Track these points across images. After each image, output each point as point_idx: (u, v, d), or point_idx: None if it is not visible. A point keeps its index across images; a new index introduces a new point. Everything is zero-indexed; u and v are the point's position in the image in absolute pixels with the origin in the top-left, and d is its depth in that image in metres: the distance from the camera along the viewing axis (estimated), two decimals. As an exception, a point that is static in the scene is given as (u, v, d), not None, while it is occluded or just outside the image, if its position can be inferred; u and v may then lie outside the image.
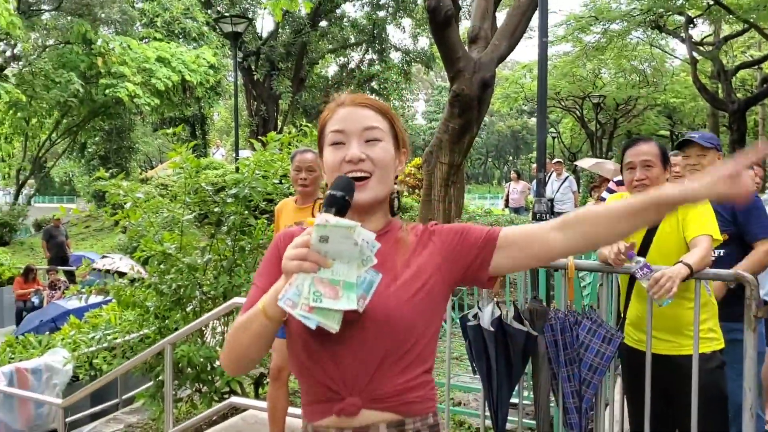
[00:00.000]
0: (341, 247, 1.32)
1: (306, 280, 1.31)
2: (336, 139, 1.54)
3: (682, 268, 2.69)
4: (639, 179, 2.99)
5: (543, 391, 3.02)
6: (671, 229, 2.98)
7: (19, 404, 6.31)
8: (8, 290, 15.17)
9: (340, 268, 1.33)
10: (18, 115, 24.60)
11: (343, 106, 1.59)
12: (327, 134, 1.57)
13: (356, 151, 1.51)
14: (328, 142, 1.56)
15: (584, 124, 30.59)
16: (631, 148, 3.07)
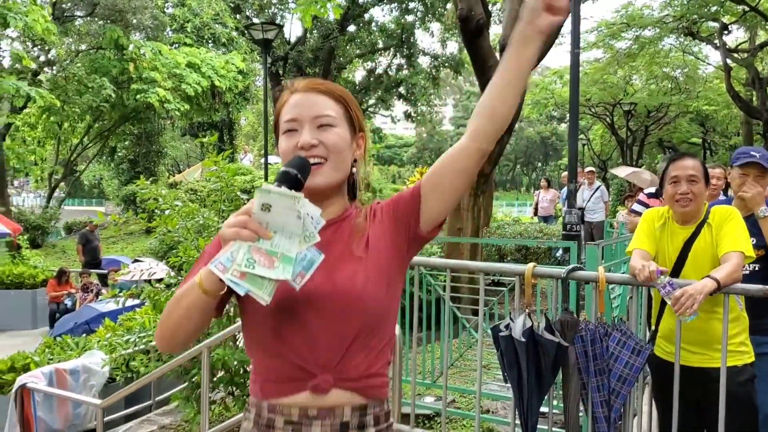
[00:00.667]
0: (284, 219, 1.27)
1: (242, 247, 1.26)
2: (289, 126, 1.53)
3: (709, 282, 2.74)
4: (683, 193, 3.06)
5: (573, 401, 3.07)
6: (706, 245, 3.04)
7: (58, 404, 6.49)
8: (42, 292, 15.49)
9: (280, 241, 1.29)
10: (51, 120, 25.14)
11: (296, 92, 1.57)
12: (281, 123, 1.56)
13: (308, 137, 1.49)
14: (282, 130, 1.55)
15: (615, 132, 30.36)
16: (677, 162, 3.14)
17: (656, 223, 3.22)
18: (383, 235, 1.54)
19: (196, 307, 1.36)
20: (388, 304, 1.51)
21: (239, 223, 1.27)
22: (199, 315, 1.38)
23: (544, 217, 15.50)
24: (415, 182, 1.62)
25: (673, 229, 3.16)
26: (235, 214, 1.30)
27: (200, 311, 1.37)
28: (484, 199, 9.52)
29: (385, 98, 31.43)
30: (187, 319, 1.38)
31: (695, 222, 3.11)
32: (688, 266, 3.06)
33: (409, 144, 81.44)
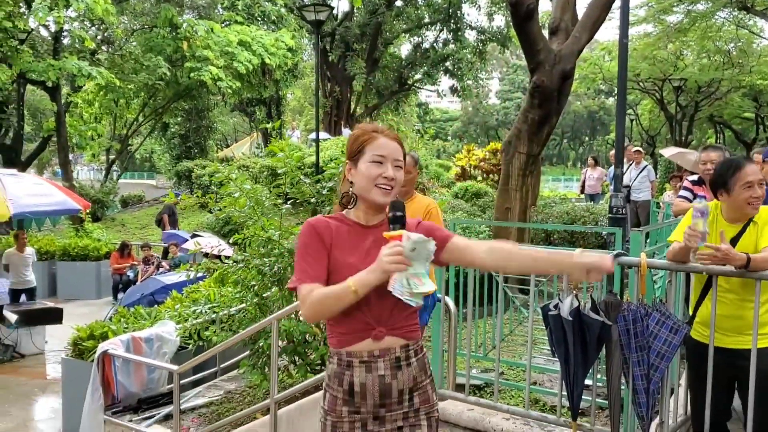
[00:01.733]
0: (420, 253, 2.06)
1: (402, 275, 2.05)
2: (378, 159, 2.24)
3: (742, 254, 3.04)
4: (755, 198, 3.29)
5: (615, 375, 3.41)
6: (750, 242, 3.30)
7: (135, 369, 7.05)
8: (105, 264, 16.28)
9: (417, 265, 2.07)
10: (108, 97, 25.92)
11: (382, 135, 2.28)
12: (368, 152, 2.25)
13: (391, 173, 2.24)
14: (369, 158, 2.24)
15: (664, 107, 29.96)
16: (747, 167, 3.33)
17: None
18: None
19: (345, 304, 2.11)
20: None
21: (397, 261, 2.02)
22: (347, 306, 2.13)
23: (591, 195, 15.60)
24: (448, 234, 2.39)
25: (722, 225, 3.41)
26: (390, 253, 2.03)
27: (348, 305, 2.12)
28: (532, 179, 9.76)
29: (431, 73, 31.48)
30: (337, 309, 2.14)
31: (743, 221, 3.37)
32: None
33: (455, 118, 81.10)
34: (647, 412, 3.39)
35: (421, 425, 2.24)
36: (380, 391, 2.17)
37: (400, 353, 2.21)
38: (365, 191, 2.26)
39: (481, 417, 4.52)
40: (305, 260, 2.19)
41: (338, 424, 2.19)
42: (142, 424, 6.66)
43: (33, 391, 9.50)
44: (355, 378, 2.17)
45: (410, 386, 2.22)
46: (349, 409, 2.18)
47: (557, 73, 9.07)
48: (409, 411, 2.23)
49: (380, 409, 2.19)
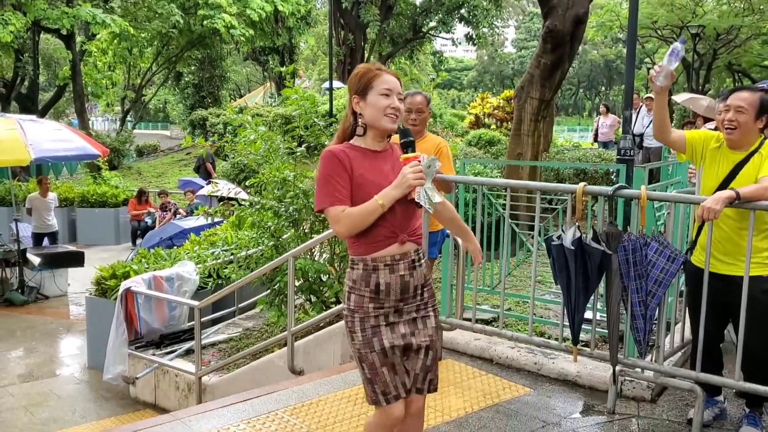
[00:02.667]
0: (431, 170, 2.47)
1: (421, 189, 2.44)
2: (385, 92, 2.55)
3: (727, 192, 3.20)
4: (729, 120, 3.42)
5: (614, 301, 3.58)
6: (753, 171, 3.40)
7: (156, 306, 7.32)
8: (123, 211, 16.54)
9: (428, 180, 2.46)
10: (122, 45, 25.91)
11: (385, 72, 2.60)
12: (375, 87, 2.56)
13: (397, 104, 2.57)
14: (378, 92, 2.55)
15: (681, 55, 29.48)
16: (734, 92, 3.48)
17: (712, 143, 3.59)
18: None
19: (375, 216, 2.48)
20: None
21: (419, 177, 2.43)
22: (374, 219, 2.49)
23: (604, 142, 15.60)
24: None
25: (725, 153, 3.53)
26: (413, 170, 2.42)
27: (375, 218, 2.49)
28: (545, 125, 9.83)
29: (446, 20, 31.09)
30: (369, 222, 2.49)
31: (747, 150, 3.47)
32: (734, 185, 3.42)
33: (470, 68, 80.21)
34: (644, 337, 3.58)
35: (429, 315, 2.68)
36: (401, 287, 2.57)
37: (414, 256, 2.61)
38: (376, 120, 2.56)
39: (487, 346, 4.75)
40: (332, 184, 2.50)
41: (366, 318, 2.56)
42: (164, 358, 6.95)
43: (58, 330, 9.86)
44: (381, 279, 2.55)
45: (422, 283, 2.64)
46: (374, 306, 2.56)
47: (570, 17, 9.06)
48: (420, 303, 2.65)
49: (400, 303, 2.59)
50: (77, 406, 7.14)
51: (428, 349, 2.64)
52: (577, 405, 4.02)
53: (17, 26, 17.77)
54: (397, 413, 2.59)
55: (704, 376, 3.51)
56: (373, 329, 2.55)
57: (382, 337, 2.55)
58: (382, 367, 2.55)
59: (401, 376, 2.59)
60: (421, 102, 4.47)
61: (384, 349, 2.54)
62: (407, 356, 2.61)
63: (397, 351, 2.57)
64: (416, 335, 2.61)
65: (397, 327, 2.58)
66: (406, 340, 2.59)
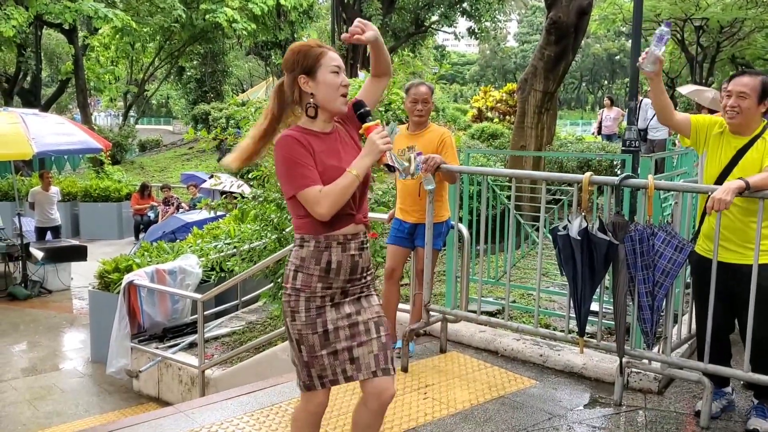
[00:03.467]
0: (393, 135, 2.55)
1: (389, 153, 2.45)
2: (335, 70, 2.48)
3: (737, 182, 3.15)
4: (731, 106, 3.39)
5: (621, 292, 3.55)
6: (757, 156, 3.37)
7: (159, 299, 7.31)
8: (126, 205, 16.55)
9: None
10: (124, 40, 25.81)
11: (331, 50, 2.52)
12: (325, 64, 2.47)
13: (347, 81, 2.52)
14: (328, 70, 2.47)
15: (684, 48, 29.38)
16: (735, 77, 3.45)
17: (715, 129, 3.55)
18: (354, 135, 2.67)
19: (353, 189, 2.44)
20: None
21: (387, 142, 2.41)
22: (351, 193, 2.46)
23: (608, 135, 15.53)
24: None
25: (728, 138, 3.49)
26: (381, 136, 2.40)
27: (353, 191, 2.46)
28: (548, 118, 9.76)
29: (449, 14, 30.92)
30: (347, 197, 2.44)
31: (749, 135, 3.44)
32: (736, 173, 3.39)
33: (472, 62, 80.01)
34: (651, 328, 3.55)
35: (371, 294, 2.67)
36: (351, 267, 2.55)
37: (363, 237, 2.61)
38: (331, 100, 2.50)
39: (492, 338, 4.71)
40: (300, 167, 2.42)
41: (312, 298, 2.49)
42: (167, 351, 6.94)
43: (61, 323, 9.86)
44: (333, 257, 2.50)
45: (367, 265, 2.64)
46: (322, 285, 2.50)
47: (574, 8, 8.99)
48: (364, 285, 2.63)
49: (347, 284, 2.56)
50: (80, 400, 7.14)
51: (378, 325, 2.58)
52: (583, 397, 3.99)
53: (20, 21, 17.71)
54: (321, 398, 2.57)
55: (712, 368, 3.47)
56: (318, 310, 2.48)
57: (326, 318, 2.48)
58: (322, 350, 2.48)
59: (343, 361, 2.50)
60: (426, 92, 4.45)
61: (327, 331, 2.48)
62: (358, 340, 2.52)
63: (342, 333, 2.50)
64: (362, 313, 2.56)
65: (341, 307, 2.53)
66: (351, 319, 2.53)
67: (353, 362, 2.51)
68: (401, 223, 4.54)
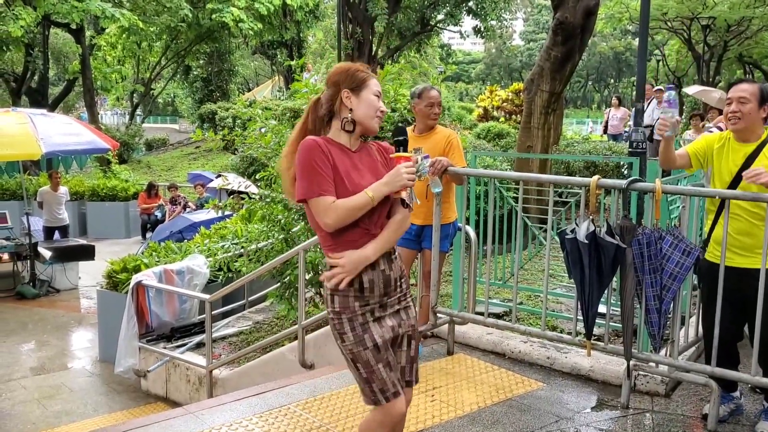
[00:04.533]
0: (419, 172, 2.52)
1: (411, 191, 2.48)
2: (377, 94, 2.59)
3: None
4: (733, 112, 3.43)
5: (628, 295, 3.56)
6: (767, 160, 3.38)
7: (167, 299, 7.34)
8: (133, 204, 16.61)
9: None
10: (130, 39, 25.90)
11: (374, 77, 2.62)
12: (369, 87, 2.57)
13: (385, 108, 2.61)
14: (371, 92, 2.57)
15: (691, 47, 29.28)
16: (734, 85, 3.51)
17: (715, 144, 3.59)
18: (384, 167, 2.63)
19: (365, 210, 2.46)
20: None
21: (412, 177, 2.46)
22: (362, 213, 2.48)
23: (614, 135, 15.52)
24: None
25: (734, 147, 3.50)
26: (407, 171, 2.45)
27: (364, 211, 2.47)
28: (554, 118, 9.77)
29: (454, 13, 30.86)
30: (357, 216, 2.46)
31: (756, 141, 3.46)
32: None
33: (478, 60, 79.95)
34: (659, 331, 3.56)
35: (409, 305, 2.69)
36: (384, 282, 2.57)
37: (390, 250, 2.61)
38: (367, 119, 2.56)
39: (499, 340, 4.73)
40: (319, 174, 2.44)
41: (353, 318, 2.52)
42: (175, 351, 6.97)
43: (69, 323, 9.91)
44: (364, 277, 2.52)
45: (399, 275, 2.65)
46: (360, 304, 2.53)
47: (581, 9, 8.99)
48: (400, 295, 2.65)
49: (384, 298, 2.59)
50: (89, 399, 7.17)
51: (411, 339, 2.65)
52: (591, 400, 4.00)
53: (27, 21, 17.79)
54: (399, 409, 2.54)
55: (719, 371, 3.48)
56: (363, 327, 2.51)
57: (372, 333, 2.51)
58: (378, 364, 2.50)
59: (396, 371, 2.57)
60: (437, 95, 4.53)
61: (377, 345, 2.51)
62: (393, 350, 2.60)
63: (389, 346, 2.57)
64: (401, 326, 2.61)
65: (384, 321, 2.56)
66: (394, 332, 2.58)
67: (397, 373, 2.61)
68: (409, 225, 4.56)
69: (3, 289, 11.23)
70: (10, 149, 9.99)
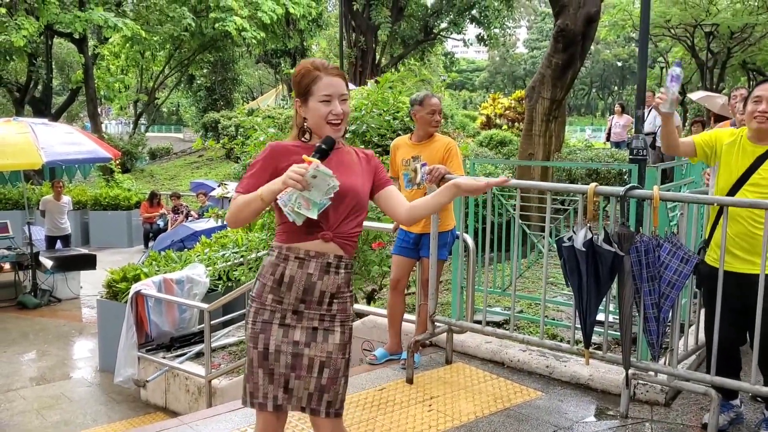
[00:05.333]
0: (320, 182, 2.23)
1: (295, 193, 2.23)
2: (325, 99, 2.41)
3: None
4: (762, 111, 3.32)
5: (627, 303, 3.52)
6: None
7: (167, 309, 7.32)
8: (135, 213, 16.62)
9: (314, 192, 2.24)
10: (134, 49, 25.99)
11: (325, 73, 2.44)
12: (315, 92, 2.42)
13: (339, 109, 2.42)
14: (317, 99, 2.42)
15: (695, 54, 29.30)
16: (763, 84, 3.42)
17: (726, 139, 3.51)
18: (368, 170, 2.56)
19: (255, 210, 2.35)
20: (366, 198, 2.54)
21: (297, 178, 2.17)
22: (255, 213, 2.38)
23: (617, 143, 15.45)
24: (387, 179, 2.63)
25: (745, 146, 3.43)
26: (294, 170, 2.17)
27: (256, 211, 2.37)
28: (556, 125, 9.76)
29: (458, 21, 30.93)
30: (249, 215, 2.37)
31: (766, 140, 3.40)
32: (755, 178, 3.34)
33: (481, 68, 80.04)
34: (657, 340, 3.52)
35: (334, 330, 2.46)
36: (305, 286, 2.42)
37: (333, 260, 2.44)
38: (318, 128, 2.45)
39: (498, 349, 4.69)
40: (248, 176, 2.42)
41: (260, 310, 2.43)
42: (175, 361, 6.94)
43: (70, 332, 9.89)
44: (287, 270, 2.41)
45: (332, 291, 2.45)
46: (273, 298, 2.42)
47: (582, 16, 8.98)
48: (326, 314, 2.45)
49: (300, 305, 2.43)
50: (88, 409, 7.14)
51: (323, 366, 2.41)
52: (590, 409, 3.96)
53: (30, 30, 17.87)
54: (269, 423, 2.45)
55: (719, 380, 3.43)
56: (264, 325, 2.40)
57: (270, 335, 2.39)
58: (258, 369, 2.39)
59: (277, 387, 2.40)
60: (438, 103, 4.51)
61: (267, 350, 2.38)
62: (297, 372, 2.40)
63: (283, 358, 2.39)
64: (311, 347, 2.40)
65: (291, 331, 2.40)
66: (297, 348, 2.39)
67: (287, 391, 2.42)
68: (406, 233, 4.54)
69: (4, 298, 11.22)
70: (11, 159, 10.01)
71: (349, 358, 2.52)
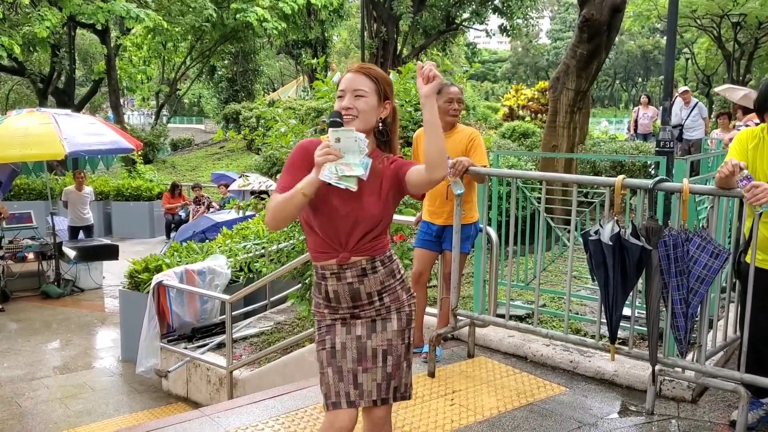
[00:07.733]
0: (347, 143, 2.23)
1: (332, 165, 2.23)
2: (340, 94, 2.45)
3: None
4: None
5: (654, 298, 3.45)
6: None
7: (188, 299, 7.33)
8: (157, 204, 16.72)
9: (348, 156, 2.25)
10: (156, 40, 26.09)
11: (349, 71, 2.48)
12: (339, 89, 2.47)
13: (347, 103, 2.40)
14: (337, 94, 2.48)
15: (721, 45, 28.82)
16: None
17: (750, 142, 3.43)
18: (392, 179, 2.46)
19: (297, 206, 2.33)
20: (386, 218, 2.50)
21: (325, 153, 2.24)
22: (298, 209, 2.35)
23: (643, 134, 15.21)
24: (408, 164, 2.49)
25: None
26: (319, 148, 2.25)
27: (299, 207, 2.34)
28: (580, 117, 9.60)
29: (480, 12, 30.64)
30: (292, 212, 2.35)
31: None
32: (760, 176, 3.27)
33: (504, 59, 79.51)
34: (685, 336, 3.44)
35: (390, 318, 2.53)
36: (350, 294, 2.49)
37: (366, 265, 2.48)
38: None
39: (521, 343, 4.63)
40: (284, 174, 2.44)
41: (322, 320, 2.55)
42: (196, 351, 6.96)
43: (93, 322, 9.97)
44: (329, 287, 2.49)
45: (378, 289, 2.51)
46: (329, 311, 2.54)
47: (607, 5, 8.82)
48: (380, 308, 2.52)
49: (355, 310, 2.51)
50: (110, 399, 7.19)
51: (386, 354, 2.49)
52: (615, 405, 3.89)
53: (53, 22, 18.00)
54: (340, 422, 2.43)
55: (749, 377, 3.35)
56: (327, 328, 2.52)
57: (335, 334, 2.50)
58: (327, 367, 2.47)
59: (347, 383, 2.45)
60: (458, 92, 4.41)
61: (333, 348, 2.48)
62: (364, 365, 2.47)
63: (349, 353, 2.47)
64: (372, 338, 2.50)
65: (353, 327, 2.51)
66: (360, 342, 2.49)
67: (356, 387, 2.46)
68: (429, 226, 4.48)
69: (28, 288, 11.34)
70: (34, 149, 10.08)
71: (410, 342, 2.58)
